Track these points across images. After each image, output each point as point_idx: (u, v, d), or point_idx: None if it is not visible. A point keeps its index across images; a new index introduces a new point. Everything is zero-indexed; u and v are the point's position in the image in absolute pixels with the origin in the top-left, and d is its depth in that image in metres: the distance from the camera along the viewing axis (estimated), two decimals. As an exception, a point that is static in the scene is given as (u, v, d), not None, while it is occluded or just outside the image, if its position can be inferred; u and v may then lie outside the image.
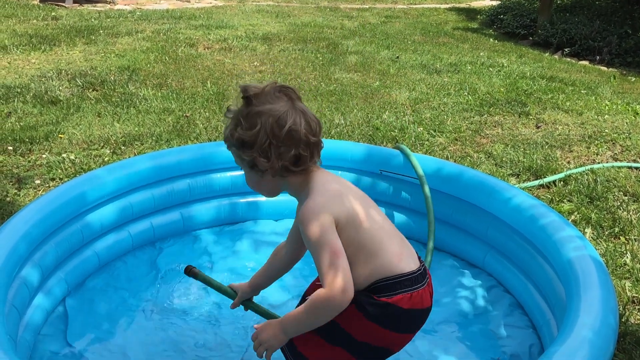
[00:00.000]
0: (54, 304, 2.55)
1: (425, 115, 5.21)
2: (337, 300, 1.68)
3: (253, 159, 1.75)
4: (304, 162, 1.78)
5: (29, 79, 5.78)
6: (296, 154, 1.75)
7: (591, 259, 2.20)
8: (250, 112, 1.74)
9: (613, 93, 6.13)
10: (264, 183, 1.84)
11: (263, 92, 1.75)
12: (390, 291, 1.80)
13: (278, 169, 1.77)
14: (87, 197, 2.70)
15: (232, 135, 1.78)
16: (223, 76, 6.29)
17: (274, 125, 1.72)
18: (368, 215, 1.83)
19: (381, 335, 1.83)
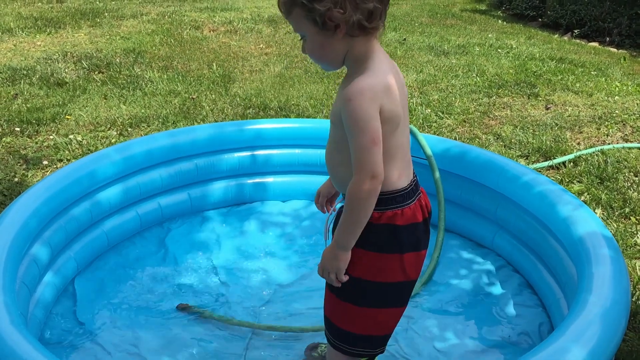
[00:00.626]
0: (64, 282, 2.55)
1: (433, 97, 5.17)
2: (367, 186, 1.59)
3: (327, 10, 1.55)
4: (376, 17, 1.61)
5: (35, 61, 5.76)
6: (371, 6, 1.58)
7: (602, 236, 2.18)
8: None
9: (623, 74, 6.06)
10: (331, 46, 1.63)
11: None
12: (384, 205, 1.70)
13: (353, 24, 1.58)
14: (96, 176, 2.70)
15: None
16: (229, 59, 6.25)
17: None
18: (403, 121, 1.70)
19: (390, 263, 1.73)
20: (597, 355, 1.68)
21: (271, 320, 2.45)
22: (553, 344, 1.66)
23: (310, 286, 2.63)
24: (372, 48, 1.66)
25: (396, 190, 1.71)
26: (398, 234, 1.71)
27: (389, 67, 1.68)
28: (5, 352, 1.63)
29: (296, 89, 5.28)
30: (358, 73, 1.63)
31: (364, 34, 1.62)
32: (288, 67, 6.00)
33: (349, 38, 1.61)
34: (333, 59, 1.67)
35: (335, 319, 1.80)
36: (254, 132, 3.26)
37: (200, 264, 2.81)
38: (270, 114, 4.67)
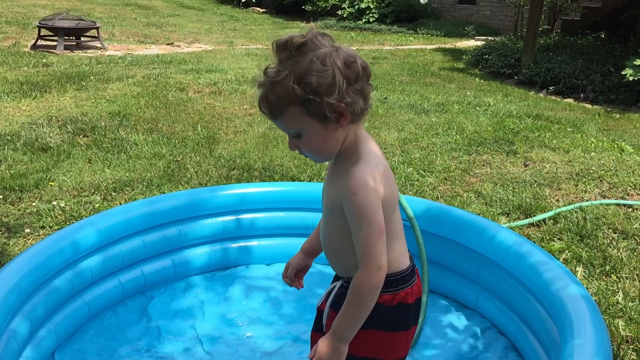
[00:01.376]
0: (44, 356, 2.50)
1: (415, 155, 5.26)
2: (375, 280, 1.60)
3: (333, 105, 1.55)
4: (369, 99, 1.65)
5: (20, 126, 5.80)
6: (368, 88, 1.62)
7: (583, 298, 2.21)
8: (314, 56, 1.54)
9: (598, 130, 6.23)
10: (333, 138, 1.63)
11: (311, 37, 1.58)
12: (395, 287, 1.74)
13: (358, 112, 1.60)
14: (78, 245, 2.68)
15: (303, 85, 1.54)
16: (213, 120, 6.34)
17: (345, 66, 1.56)
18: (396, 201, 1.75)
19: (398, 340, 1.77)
20: None
21: (256, 390, 2.42)
22: (538, 414, 1.66)
23: (298, 352, 2.61)
24: (360, 132, 1.69)
25: (404, 270, 1.76)
26: (408, 311, 1.75)
27: (377, 147, 1.71)
28: None
29: (280, 149, 5.35)
30: (353, 160, 1.64)
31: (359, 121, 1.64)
32: (271, 128, 6.08)
33: (348, 125, 1.63)
34: (333, 150, 1.67)
35: None
36: (238, 196, 3.29)
37: (183, 333, 2.77)
38: (255, 175, 4.71)
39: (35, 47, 10.48)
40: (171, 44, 12.28)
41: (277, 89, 1.57)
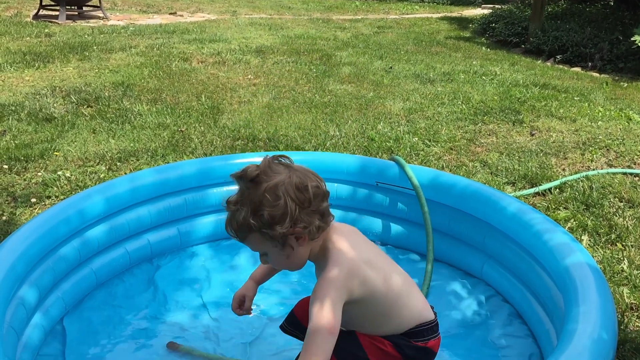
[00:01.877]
0: (52, 324, 2.53)
1: (420, 125, 5.23)
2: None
3: (287, 231, 1.72)
4: (328, 214, 1.81)
5: (23, 97, 5.78)
6: (322, 208, 1.78)
7: (588, 266, 2.21)
8: (266, 188, 1.71)
9: (606, 99, 6.17)
10: (295, 256, 1.81)
11: (265, 167, 1.75)
12: (426, 336, 1.95)
13: (314, 231, 1.76)
14: (84, 214, 2.69)
15: (257, 218, 1.71)
16: (217, 90, 6.30)
17: (297, 192, 1.72)
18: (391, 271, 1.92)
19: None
20: (586, 388, 1.69)
21: (262, 356, 2.44)
22: (542, 378, 1.67)
23: (300, 321, 2.63)
24: (328, 237, 1.84)
25: (432, 321, 1.97)
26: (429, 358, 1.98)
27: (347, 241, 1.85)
28: (-8, 401, 1.61)
29: (284, 119, 5.33)
30: (322, 266, 1.80)
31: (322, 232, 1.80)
32: (276, 98, 6.05)
33: (311, 242, 1.80)
34: (299, 264, 1.85)
35: None
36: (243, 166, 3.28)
37: (190, 301, 2.80)
38: (259, 145, 4.70)
39: (37, 17, 10.39)
40: (174, 14, 12.16)
41: (236, 219, 1.75)
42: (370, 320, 1.89)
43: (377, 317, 1.89)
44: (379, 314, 1.88)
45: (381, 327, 1.91)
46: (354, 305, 1.81)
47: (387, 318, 1.89)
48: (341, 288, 1.75)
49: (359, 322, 1.89)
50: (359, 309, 1.84)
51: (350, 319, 1.88)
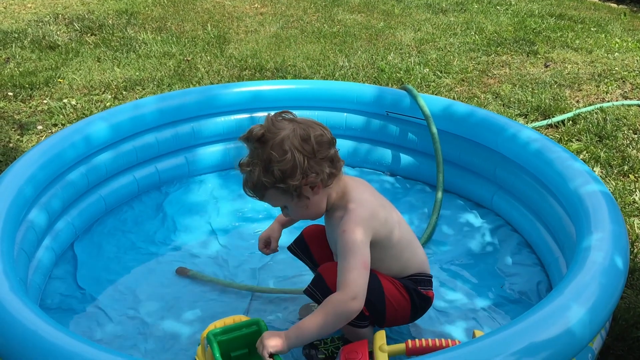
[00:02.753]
0: (63, 247, 2.56)
1: (431, 56, 5.10)
2: (348, 306, 1.72)
3: (300, 182, 1.77)
4: (338, 159, 1.85)
5: (26, 24, 5.65)
6: (330, 154, 1.81)
7: (602, 194, 2.18)
8: (272, 145, 1.75)
9: (623, 30, 5.97)
10: (313, 205, 1.86)
11: (269, 125, 1.78)
12: (427, 286, 2.03)
13: (326, 179, 1.81)
14: (91, 140, 2.67)
15: (268, 176, 1.77)
16: (223, 19, 6.14)
17: (301, 143, 1.76)
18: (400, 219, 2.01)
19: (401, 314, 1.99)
20: (596, 313, 1.69)
21: (270, 282, 2.47)
22: (553, 302, 1.67)
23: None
24: (343, 181, 1.89)
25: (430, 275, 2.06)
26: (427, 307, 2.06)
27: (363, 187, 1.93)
28: (5, 319, 1.63)
29: (292, 50, 5.20)
30: (341, 211, 1.85)
31: (334, 181, 1.85)
32: (284, 27, 5.90)
33: (325, 189, 1.84)
34: (318, 212, 1.90)
35: None
36: (252, 94, 3.22)
37: (199, 227, 2.80)
38: (267, 75, 4.61)
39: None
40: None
41: (251, 179, 1.81)
42: (385, 260, 1.95)
43: (390, 258, 1.95)
44: (393, 255, 1.95)
45: (395, 267, 1.98)
46: (374, 246, 1.87)
47: (399, 260, 1.98)
48: (367, 226, 1.82)
49: (375, 262, 1.90)
50: (378, 249, 1.89)
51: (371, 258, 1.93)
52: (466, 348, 1.54)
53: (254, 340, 1.80)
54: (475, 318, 2.27)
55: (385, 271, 1.97)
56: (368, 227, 1.82)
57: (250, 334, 1.85)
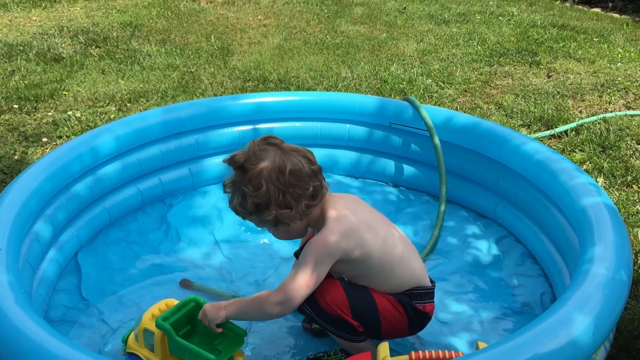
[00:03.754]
0: (67, 259, 2.57)
1: (434, 66, 5.12)
2: (271, 308, 1.82)
3: (275, 215, 1.82)
4: (319, 191, 1.87)
5: (31, 37, 5.70)
6: (309, 187, 1.83)
7: (605, 206, 2.18)
8: (250, 176, 1.79)
9: (626, 41, 5.98)
10: (293, 230, 1.92)
11: (250, 154, 1.82)
12: (425, 299, 2.00)
13: (303, 211, 1.84)
14: (96, 152, 2.68)
15: (244, 205, 1.84)
16: (227, 31, 6.18)
17: (278, 175, 1.78)
18: (392, 235, 1.98)
19: (398, 328, 2.00)
20: (600, 324, 1.68)
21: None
22: (556, 313, 1.67)
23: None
24: (325, 203, 1.90)
25: (431, 287, 2.04)
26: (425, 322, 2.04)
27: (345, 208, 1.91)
28: (11, 331, 1.64)
29: (295, 61, 5.23)
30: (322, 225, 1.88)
31: (315, 207, 1.87)
32: (287, 39, 5.93)
33: (305, 217, 1.87)
34: (299, 235, 1.97)
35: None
36: (255, 105, 3.24)
37: (202, 239, 2.81)
38: (270, 87, 4.63)
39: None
40: (181, -47, 11.81)
41: (232, 203, 1.89)
42: (373, 278, 1.95)
43: (378, 275, 1.95)
44: (380, 273, 1.94)
45: (385, 284, 1.97)
46: (353, 263, 1.90)
47: (389, 277, 1.96)
48: (332, 248, 1.83)
49: (364, 279, 1.96)
50: (360, 267, 1.92)
51: (356, 276, 1.97)
52: (469, 360, 1.54)
53: (195, 316, 1.96)
54: (479, 329, 2.26)
55: (378, 288, 1.97)
56: (335, 249, 1.83)
57: (190, 311, 1.98)
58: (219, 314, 1.89)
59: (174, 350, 1.89)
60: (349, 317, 1.91)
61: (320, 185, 1.88)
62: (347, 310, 1.90)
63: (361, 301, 1.93)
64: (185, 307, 1.97)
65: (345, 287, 1.93)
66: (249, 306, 1.88)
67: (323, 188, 1.89)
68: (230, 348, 1.92)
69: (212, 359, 1.82)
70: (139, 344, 1.97)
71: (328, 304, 1.89)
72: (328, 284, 1.90)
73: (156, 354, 1.93)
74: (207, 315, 1.90)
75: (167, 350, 1.92)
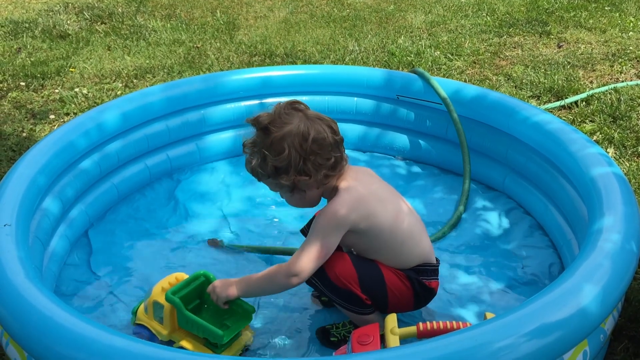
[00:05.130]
0: (77, 234, 2.58)
1: (442, 38, 5.05)
2: (286, 280, 1.83)
3: (293, 181, 1.80)
4: (339, 162, 1.85)
5: (36, 14, 5.68)
6: (330, 158, 1.81)
7: (615, 176, 2.15)
8: (273, 139, 1.78)
9: (638, 9, 5.86)
10: (308, 197, 1.90)
11: (276, 116, 1.80)
12: (430, 276, 2.01)
13: (321, 180, 1.82)
14: (103, 129, 2.69)
15: (264, 167, 1.82)
16: (233, 5, 6.12)
17: (302, 142, 1.77)
18: (403, 211, 1.97)
19: (405, 302, 2.00)
20: (608, 293, 1.68)
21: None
22: (565, 283, 1.66)
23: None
24: (342, 175, 1.89)
25: (435, 264, 2.03)
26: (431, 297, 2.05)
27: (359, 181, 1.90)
28: (22, 306, 1.66)
29: (302, 35, 5.18)
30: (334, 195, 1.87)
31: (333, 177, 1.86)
32: (293, 12, 5.87)
33: (322, 186, 1.86)
34: (312, 204, 1.95)
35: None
36: (261, 80, 3.22)
37: (210, 214, 2.82)
38: (277, 61, 4.60)
39: None
40: None
41: (250, 164, 1.87)
42: (382, 252, 1.95)
43: (388, 249, 1.94)
44: (390, 247, 1.94)
45: (395, 259, 1.97)
46: (363, 235, 1.89)
47: (398, 252, 1.96)
48: (342, 220, 1.82)
49: (373, 252, 1.96)
50: (369, 239, 1.91)
51: (365, 250, 1.96)
52: (477, 330, 1.54)
53: (204, 290, 1.97)
54: (487, 300, 2.27)
55: (386, 262, 1.97)
56: (346, 220, 1.83)
57: (200, 285, 1.99)
58: (229, 292, 1.89)
59: (182, 324, 1.91)
60: (357, 290, 1.91)
61: (341, 156, 1.87)
62: (356, 284, 1.91)
63: (369, 274, 1.93)
64: (195, 281, 1.98)
65: (354, 260, 1.93)
66: (259, 283, 1.89)
67: (343, 160, 1.88)
68: (239, 324, 1.93)
69: (220, 334, 1.83)
70: (148, 316, 2.00)
71: (337, 276, 1.89)
72: (337, 257, 1.90)
73: (165, 327, 1.95)
74: (217, 293, 1.91)
75: (176, 323, 1.94)
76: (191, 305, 1.96)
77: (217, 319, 1.94)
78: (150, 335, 1.99)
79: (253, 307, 1.96)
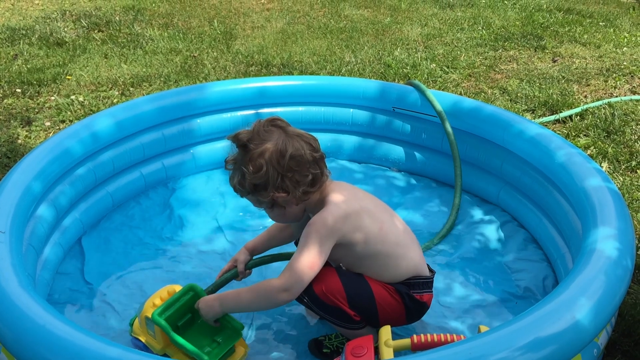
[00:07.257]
0: (70, 243, 2.57)
1: (438, 51, 5.08)
2: (276, 295, 1.80)
3: (272, 197, 1.82)
4: (318, 179, 1.86)
5: (34, 21, 5.68)
6: (308, 174, 1.82)
7: (609, 190, 2.17)
8: (251, 156, 1.79)
9: (632, 25, 5.93)
10: (289, 213, 1.91)
11: (254, 133, 1.82)
12: (422, 289, 1.99)
13: (300, 196, 1.83)
14: (98, 137, 2.68)
15: (242, 184, 1.84)
16: (230, 15, 6.15)
17: (279, 159, 1.78)
18: (390, 223, 1.97)
19: (396, 317, 1.98)
20: (602, 308, 1.69)
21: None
22: (558, 297, 1.67)
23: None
24: (324, 189, 1.89)
25: (430, 277, 2.02)
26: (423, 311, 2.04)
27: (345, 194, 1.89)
28: (14, 313, 1.65)
29: (299, 45, 5.20)
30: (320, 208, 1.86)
31: (313, 193, 1.86)
32: (290, 23, 5.89)
33: (302, 202, 1.87)
34: (295, 219, 1.95)
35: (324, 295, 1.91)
36: (258, 90, 3.22)
37: (205, 223, 2.81)
38: (273, 71, 4.61)
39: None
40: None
41: (232, 180, 1.89)
42: (371, 265, 1.94)
43: (375, 263, 1.93)
44: (377, 260, 1.93)
45: (382, 272, 1.95)
46: (351, 248, 1.88)
47: (386, 265, 1.94)
48: (332, 227, 1.81)
49: (361, 266, 1.94)
50: (357, 253, 1.90)
51: (353, 263, 1.95)
52: (471, 343, 1.54)
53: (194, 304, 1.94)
54: (481, 313, 2.27)
55: (375, 276, 1.95)
56: (335, 229, 1.82)
57: (190, 300, 1.95)
58: (213, 312, 1.88)
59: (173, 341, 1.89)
60: (345, 306, 1.90)
61: (321, 173, 1.87)
62: (344, 299, 1.90)
63: (358, 290, 1.92)
64: (184, 296, 1.94)
65: (342, 276, 1.92)
66: (248, 297, 1.85)
67: (323, 176, 1.88)
68: (228, 341, 1.91)
69: (205, 359, 1.80)
70: (142, 329, 1.98)
71: (324, 292, 1.88)
72: (324, 272, 1.89)
73: (158, 342, 1.93)
74: (202, 314, 1.90)
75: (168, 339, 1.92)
76: (182, 320, 1.93)
77: (208, 335, 1.92)
78: (145, 348, 1.97)
79: (242, 324, 1.93)
